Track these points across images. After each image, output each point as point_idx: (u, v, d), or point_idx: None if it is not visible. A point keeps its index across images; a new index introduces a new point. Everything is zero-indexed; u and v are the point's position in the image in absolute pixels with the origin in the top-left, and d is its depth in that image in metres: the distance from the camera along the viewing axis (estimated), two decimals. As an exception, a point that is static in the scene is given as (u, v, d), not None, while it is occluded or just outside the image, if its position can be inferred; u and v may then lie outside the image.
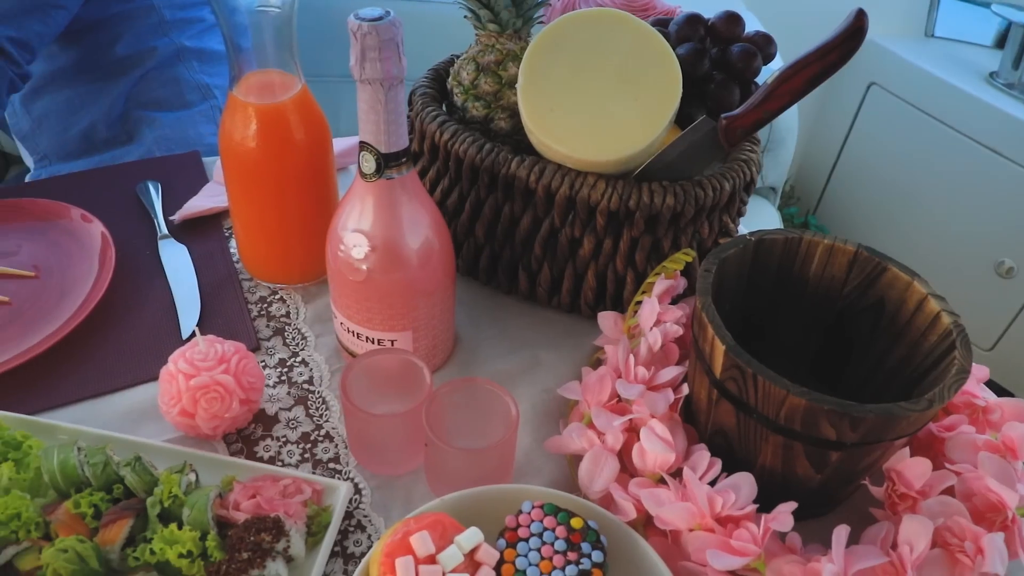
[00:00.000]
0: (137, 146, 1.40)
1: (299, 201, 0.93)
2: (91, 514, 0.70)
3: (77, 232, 1.06)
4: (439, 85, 0.98)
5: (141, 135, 1.41)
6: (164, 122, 1.41)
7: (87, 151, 1.44)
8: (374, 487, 0.79)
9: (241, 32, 0.83)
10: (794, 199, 2.56)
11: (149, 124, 1.40)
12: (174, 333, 0.93)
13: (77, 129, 1.42)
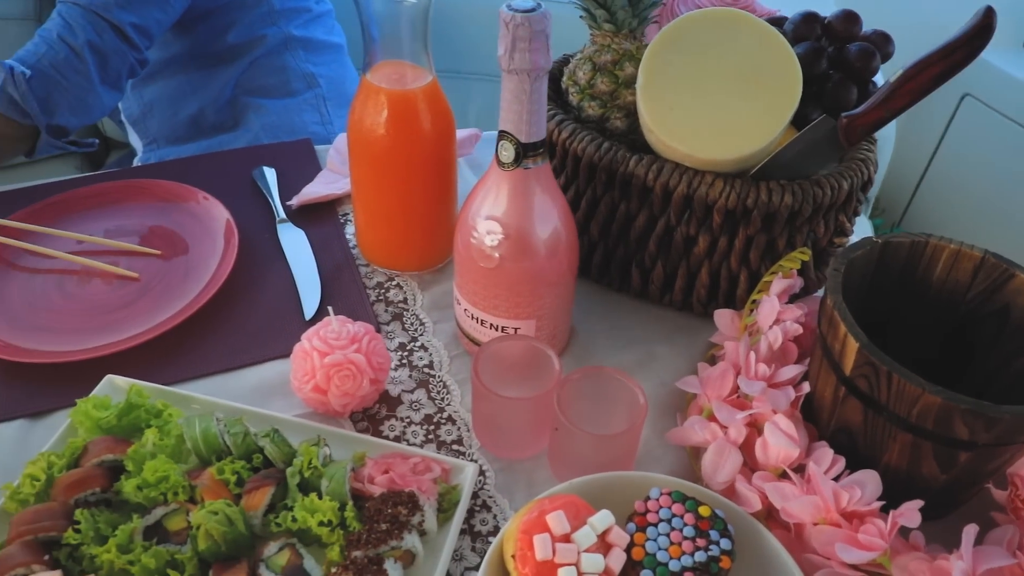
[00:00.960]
0: (244, 132, 1.44)
1: (423, 189, 0.95)
2: (234, 481, 0.74)
3: (199, 213, 1.10)
4: (553, 84, 1.00)
5: (247, 121, 1.45)
6: (271, 109, 1.45)
7: (194, 135, 1.49)
8: (497, 469, 0.81)
9: (377, 20, 0.85)
10: (879, 210, 2.54)
11: (256, 111, 1.45)
12: (297, 314, 0.97)
13: (186, 114, 1.47)
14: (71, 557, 0.70)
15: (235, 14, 1.40)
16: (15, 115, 1.15)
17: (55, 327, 0.95)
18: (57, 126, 1.20)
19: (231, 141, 1.44)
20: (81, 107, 1.21)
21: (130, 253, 1.05)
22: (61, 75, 1.17)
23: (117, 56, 1.22)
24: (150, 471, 0.73)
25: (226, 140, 1.45)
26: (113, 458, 0.76)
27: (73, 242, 1.06)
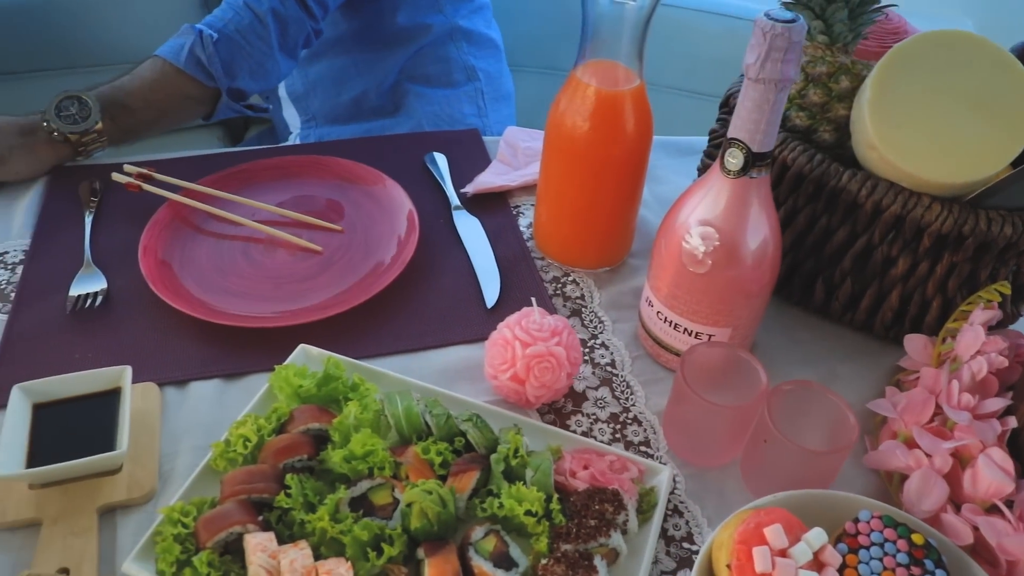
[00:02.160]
0: (405, 118, 1.46)
1: (614, 190, 0.95)
2: (439, 462, 0.74)
3: (376, 194, 1.12)
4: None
5: (409, 107, 1.47)
6: (433, 98, 1.47)
7: (354, 117, 1.51)
8: (687, 475, 0.81)
9: (598, 19, 0.85)
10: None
11: (418, 98, 1.46)
12: (477, 301, 0.97)
13: (349, 96, 1.49)
14: (280, 520, 0.72)
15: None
16: (201, 77, 1.18)
17: (243, 292, 0.97)
18: (237, 90, 1.23)
19: (392, 126, 1.46)
20: (260, 72, 1.24)
21: (312, 227, 1.07)
22: (245, 40, 1.20)
23: (296, 24, 1.25)
24: (358, 444, 0.74)
25: (387, 124, 1.47)
26: (319, 427, 0.78)
27: (257, 210, 1.08)
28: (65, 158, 1.16)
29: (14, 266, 1.02)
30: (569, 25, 1.86)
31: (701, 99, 1.72)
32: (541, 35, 1.91)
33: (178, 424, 0.83)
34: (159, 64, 1.18)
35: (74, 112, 1.12)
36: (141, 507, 0.77)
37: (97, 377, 0.82)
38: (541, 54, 1.92)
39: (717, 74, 1.67)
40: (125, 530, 0.75)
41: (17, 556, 0.73)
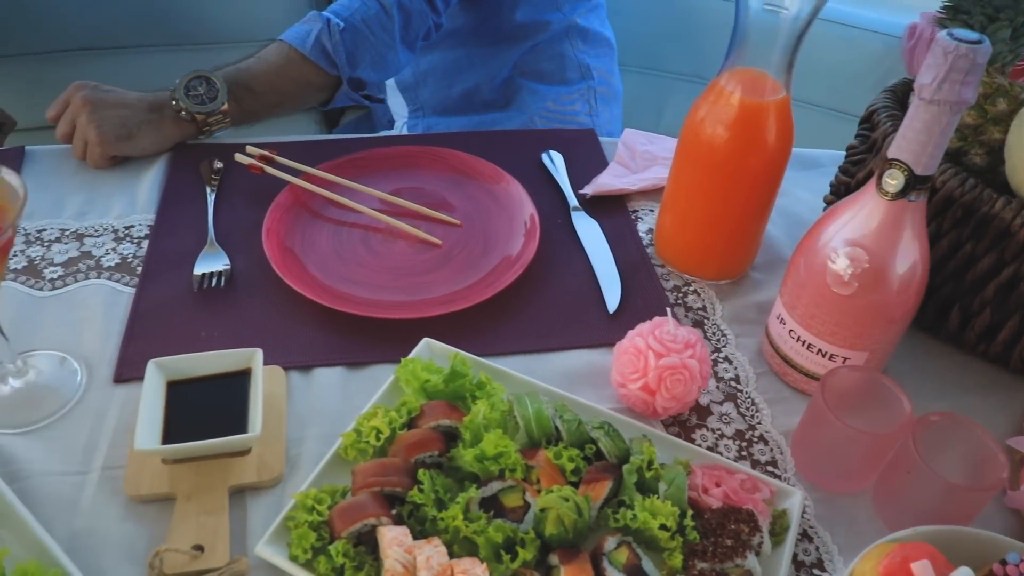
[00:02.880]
0: (517, 113, 1.46)
1: (747, 201, 0.93)
2: (571, 468, 0.74)
3: (495, 190, 1.11)
4: (900, 108, 0.96)
5: (521, 103, 1.46)
6: (546, 95, 1.46)
7: (463, 110, 1.51)
8: (815, 500, 0.79)
9: (750, 27, 0.83)
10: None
11: (531, 94, 1.46)
12: (597, 305, 0.96)
13: (461, 88, 1.49)
14: (411, 515, 0.71)
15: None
16: (324, 64, 1.19)
17: (363, 281, 0.98)
18: (357, 79, 1.23)
19: (503, 120, 1.45)
20: (381, 63, 1.24)
21: (430, 219, 1.07)
22: (370, 30, 1.20)
23: (419, 17, 1.25)
24: (490, 444, 0.74)
25: (498, 118, 1.46)
26: (448, 424, 0.78)
27: (375, 199, 1.08)
28: (188, 136, 1.18)
29: (139, 240, 1.03)
30: (674, 25, 1.85)
31: (819, 111, 1.68)
32: (644, 34, 1.88)
33: (303, 409, 0.84)
34: (285, 49, 1.19)
35: (202, 92, 1.14)
36: (270, 490, 0.77)
37: (228, 358, 0.82)
38: (643, 53, 1.90)
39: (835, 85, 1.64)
40: (255, 511, 0.75)
41: (151, 528, 0.74)
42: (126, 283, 0.97)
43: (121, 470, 0.78)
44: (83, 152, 1.11)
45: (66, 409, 0.84)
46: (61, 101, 1.11)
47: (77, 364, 0.88)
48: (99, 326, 0.92)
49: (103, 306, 0.94)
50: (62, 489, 0.77)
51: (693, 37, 1.86)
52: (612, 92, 1.54)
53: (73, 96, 1.10)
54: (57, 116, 1.11)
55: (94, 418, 0.83)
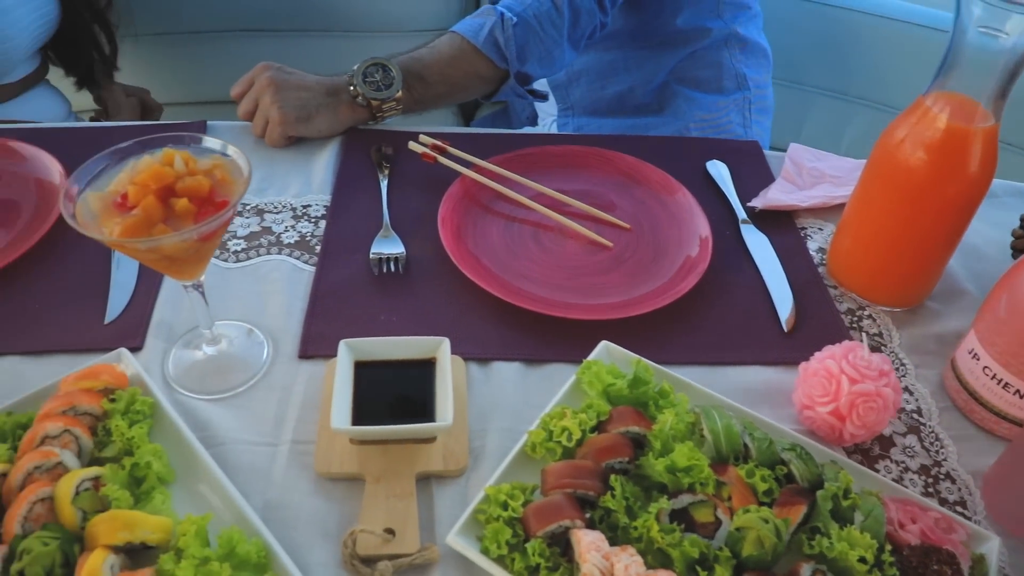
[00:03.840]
0: (671, 119, 1.45)
1: (939, 228, 0.91)
2: (763, 489, 0.73)
3: (662, 196, 1.11)
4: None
5: (676, 109, 1.45)
6: (702, 103, 1.44)
7: (615, 112, 1.50)
8: (1009, 547, 0.76)
9: (963, 51, 0.81)
10: None
11: (687, 101, 1.44)
12: (770, 321, 0.95)
13: (614, 90, 1.49)
14: (602, 520, 0.71)
15: (684, 1, 1.39)
16: (495, 57, 1.20)
17: (536, 278, 0.98)
18: (524, 74, 1.24)
19: (656, 125, 1.44)
20: (548, 59, 1.24)
21: (599, 220, 1.07)
22: (540, 26, 1.21)
23: (588, 16, 1.25)
24: (682, 456, 0.73)
25: (651, 123, 1.45)
26: (637, 431, 0.77)
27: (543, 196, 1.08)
28: (361, 121, 1.20)
29: (316, 220, 1.06)
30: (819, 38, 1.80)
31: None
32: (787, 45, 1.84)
33: (483, 402, 0.84)
34: (457, 41, 1.20)
35: (378, 79, 1.16)
36: (454, 479, 0.78)
37: (415, 344, 0.84)
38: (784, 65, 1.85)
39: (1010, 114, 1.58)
40: (441, 500, 0.76)
41: (340, 507, 0.76)
42: (305, 261, 1.00)
43: (309, 445, 0.80)
44: (263, 130, 1.14)
45: (254, 380, 0.86)
46: (246, 80, 1.14)
47: (263, 336, 0.90)
48: (282, 300, 0.94)
49: (285, 282, 0.96)
50: (255, 459, 0.79)
51: (839, 52, 1.82)
52: (765, 104, 1.51)
53: (259, 76, 1.13)
54: (241, 94, 1.15)
55: (281, 391, 0.85)
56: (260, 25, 1.92)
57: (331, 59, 1.38)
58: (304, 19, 1.91)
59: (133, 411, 0.78)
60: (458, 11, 1.94)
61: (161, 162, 0.73)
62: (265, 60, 1.17)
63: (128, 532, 0.67)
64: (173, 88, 1.95)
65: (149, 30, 1.87)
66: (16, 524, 0.68)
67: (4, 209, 1.06)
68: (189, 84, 2.00)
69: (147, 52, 1.89)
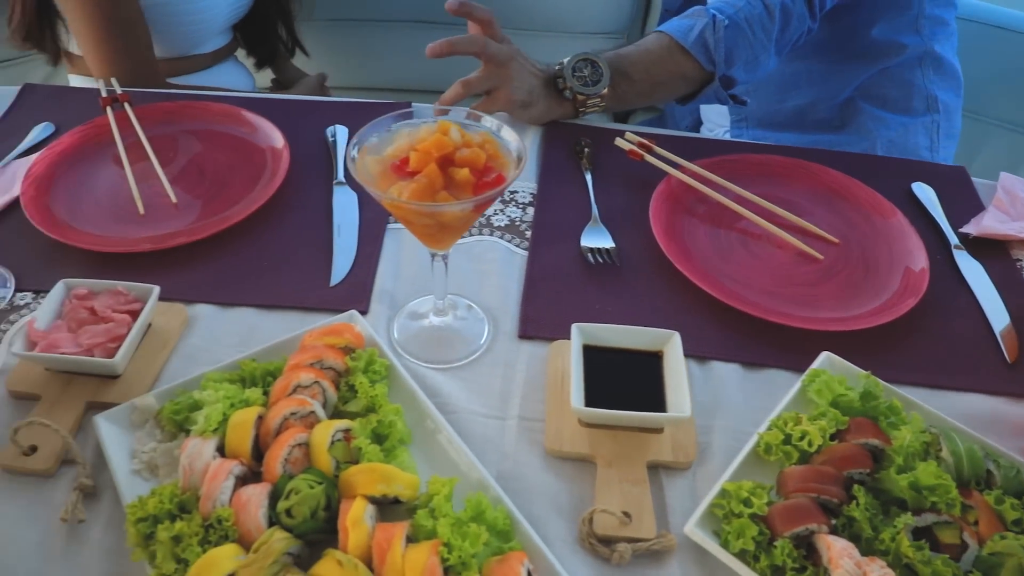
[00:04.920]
0: (856, 138, 1.41)
1: None
2: (1012, 518, 0.71)
3: (869, 213, 1.09)
4: None
5: (860, 127, 1.42)
6: (890, 123, 1.41)
7: (793, 126, 1.48)
8: None
9: None
10: None
11: (873, 120, 1.41)
12: (991, 351, 0.93)
13: (794, 103, 1.46)
14: (844, 528, 0.70)
15: (882, 12, 1.36)
16: (702, 59, 1.19)
17: (749, 282, 0.98)
18: (729, 77, 1.23)
19: (839, 143, 1.41)
20: (752, 64, 1.23)
21: (805, 232, 1.06)
22: (751, 30, 1.20)
23: (798, 21, 1.23)
24: (927, 474, 0.72)
25: (833, 140, 1.42)
26: (876, 443, 0.76)
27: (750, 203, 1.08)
28: (564, 114, 1.21)
29: (524, 206, 1.07)
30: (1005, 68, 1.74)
31: None
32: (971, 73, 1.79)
33: (705, 399, 0.85)
34: (665, 40, 1.21)
35: (586, 74, 1.17)
36: (683, 472, 0.78)
37: (643, 335, 0.84)
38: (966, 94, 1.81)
39: None
40: (672, 490, 0.76)
41: (570, 485, 0.77)
42: (517, 244, 1.01)
43: (536, 423, 0.81)
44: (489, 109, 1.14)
45: (477, 354, 0.88)
46: (487, 55, 1.13)
47: (483, 313, 0.92)
48: (497, 281, 0.96)
49: (500, 263, 0.98)
50: (487, 430, 0.80)
51: (1024, 84, 1.76)
52: (953, 130, 1.47)
53: (502, 47, 1.13)
54: (444, 52, 1.13)
55: (504, 368, 0.87)
56: (432, 17, 1.95)
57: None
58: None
59: (372, 371, 0.80)
60: (629, 14, 1.95)
61: (438, 132, 0.75)
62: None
63: (385, 485, 0.69)
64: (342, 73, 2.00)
65: (326, 16, 1.92)
66: (278, 464, 0.70)
67: (234, 172, 1.11)
68: (357, 71, 2.05)
69: (324, 37, 1.94)
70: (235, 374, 0.81)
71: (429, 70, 1.96)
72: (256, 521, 0.66)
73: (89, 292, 0.87)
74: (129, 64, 1.36)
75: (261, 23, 1.69)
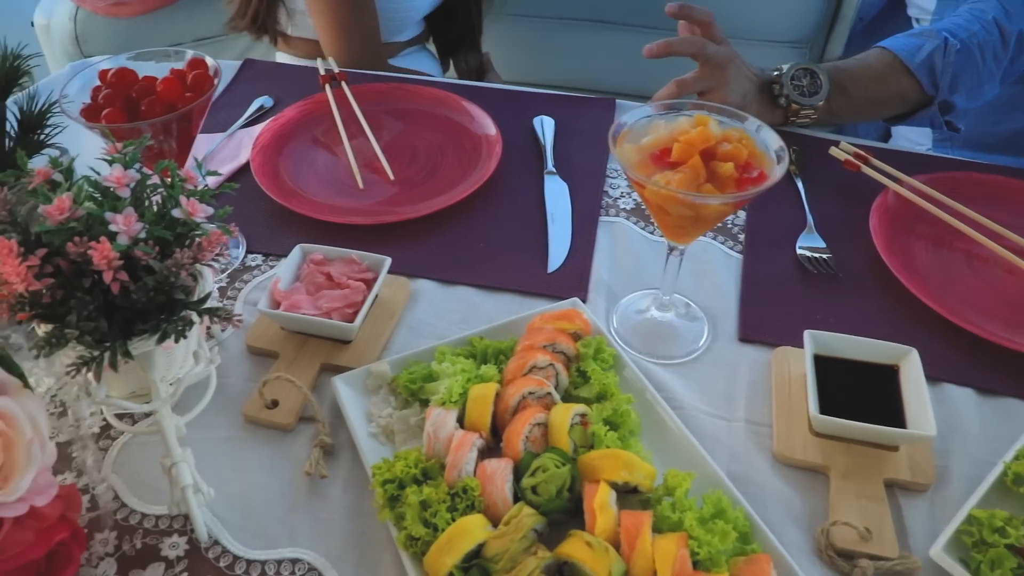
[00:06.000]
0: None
1: None
2: None
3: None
4: None
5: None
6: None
7: (1005, 149, 1.41)
8: None
9: None
10: None
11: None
12: None
13: (1009, 127, 1.40)
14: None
15: None
16: (925, 81, 1.15)
17: (975, 305, 0.93)
18: (948, 102, 1.18)
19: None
20: (976, 92, 1.18)
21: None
22: (982, 57, 1.15)
23: None
24: None
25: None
26: None
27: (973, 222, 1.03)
28: (771, 123, 1.17)
29: None
30: None
31: None
32: None
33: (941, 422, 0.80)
34: (888, 58, 1.16)
35: (804, 84, 1.14)
36: (920, 493, 0.75)
37: (879, 349, 0.82)
38: None
39: None
40: (910, 512, 0.74)
41: (802, 495, 0.75)
42: (730, 247, 1.00)
43: (763, 427, 0.80)
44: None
45: (697, 353, 0.87)
46: (705, 56, 1.12)
47: (701, 312, 0.91)
48: (714, 282, 0.95)
49: (715, 263, 0.97)
50: (715, 430, 0.79)
51: None
52: None
53: (720, 49, 1.12)
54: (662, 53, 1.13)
55: (726, 369, 0.85)
56: (615, 19, 1.96)
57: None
58: (659, 16, 1.91)
59: (600, 358, 0.80)
60: (814, 24, 1.90)
61: (696, 125, 0.75)
62: (608, 53, 1.17)
63: (628, 472, 0.69)
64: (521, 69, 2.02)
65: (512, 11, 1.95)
66: (520, 442, 0.71)
67: (445, 155, 1.13)
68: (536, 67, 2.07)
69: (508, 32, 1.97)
70: (465, 350, 0.82)
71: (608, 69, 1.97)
72: (503, 494, 0.67)
73: (324, 258, 0.90)
74: (360, 47, 1.41)
75: (448, 14, 1.72)
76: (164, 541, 0.70)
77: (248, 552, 0.70)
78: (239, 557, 0.69)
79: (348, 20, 1.39)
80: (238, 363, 0.85)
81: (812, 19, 1.89)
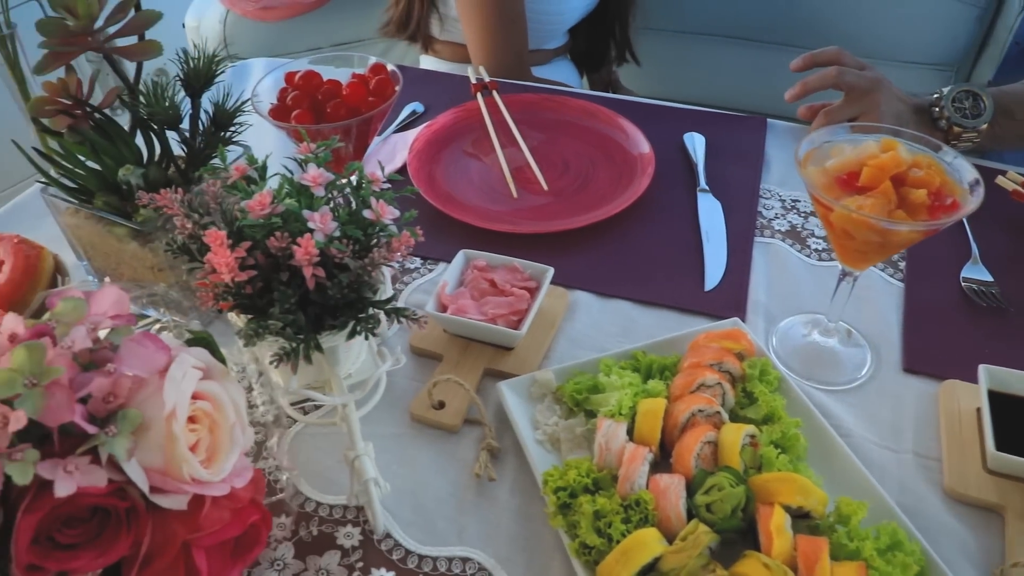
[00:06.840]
0: None
1: None
2: None
3: None
4: None
5: None
6: None
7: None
8: None
9: None
10: None
11: None
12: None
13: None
14: None
15: None
16: None
17: None
18: None
19: None
20: None
21: None
22: None
23: None
24: None
25: None
26: None
27: None
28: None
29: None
30: None
31: None
32: None
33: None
34: None
35: (966, 107, 1.11)
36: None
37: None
38: None
39: None
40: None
41: (975, 532, 0.73)
42: (891, 275, 0.98)
43: (932, 461, 0.78)
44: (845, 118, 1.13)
45: (860, 381, 0.86)
46: (846, 85, 1.12)
47: (864, 340, 0.89)
48: (875, 309, 0.93)
49: (876, 291, 0.96)
50: (883, 460, 0.78)
51: None
52: None
53: (867, 72, 1.11)
54: (799, 94, 1.13)
55: (892, 399, 0.84)
56: (755, 36, 1.94)
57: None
58: (798, 34, 1.90)
59: (766, 380, 0.80)
60: (963, 47, 1.85)
61: (884, 149, 0.74)
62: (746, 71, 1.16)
63: (803, 497, 0.68)
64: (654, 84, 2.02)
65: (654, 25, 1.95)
66: (692, 458, 0.71)
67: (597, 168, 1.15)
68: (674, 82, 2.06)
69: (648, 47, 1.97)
70: (629, 363, 0.83)
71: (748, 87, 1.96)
72: (676, 509, 0.68)
73: (487, 265, 0.92)
74: (508, 56, 1.43)
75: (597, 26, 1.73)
76: (339, 530, 0.73)
77: (419, 547, 0.71)
78: (411, 552, 0.71)
79: (498, 30, 1.41)
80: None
81: (961, 41, 1.83)
